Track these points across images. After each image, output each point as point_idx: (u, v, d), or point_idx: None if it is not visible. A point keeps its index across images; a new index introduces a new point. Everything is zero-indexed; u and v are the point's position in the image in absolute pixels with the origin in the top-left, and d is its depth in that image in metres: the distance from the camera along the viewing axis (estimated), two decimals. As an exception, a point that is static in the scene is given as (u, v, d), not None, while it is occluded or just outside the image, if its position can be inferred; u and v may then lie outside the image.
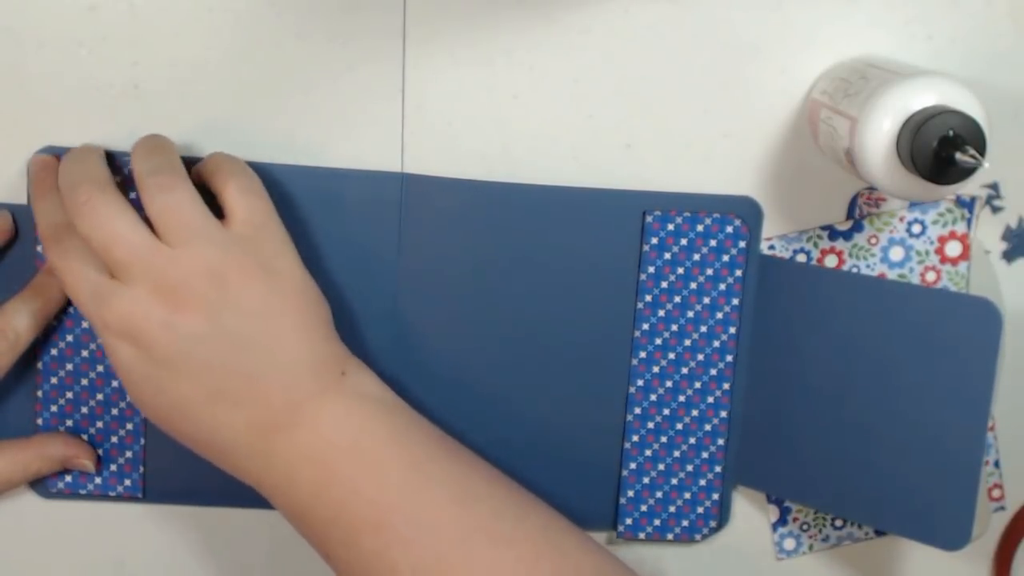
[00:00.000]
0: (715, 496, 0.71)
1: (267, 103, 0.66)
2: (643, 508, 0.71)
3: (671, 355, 0.69)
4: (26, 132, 0.66)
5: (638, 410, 0.70)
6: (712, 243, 0.68)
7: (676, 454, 0.70)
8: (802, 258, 0.70)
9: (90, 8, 0.65)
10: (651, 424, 0.70)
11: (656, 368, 0.69)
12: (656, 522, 0.71)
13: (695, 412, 0.70)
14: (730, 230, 0.68)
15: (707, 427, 0.70)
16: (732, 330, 0.69)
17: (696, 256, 0.68)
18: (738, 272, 0.69)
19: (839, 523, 0.73)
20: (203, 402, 0.60)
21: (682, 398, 0.70)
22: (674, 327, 0.69)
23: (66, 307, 0.67)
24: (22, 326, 0.65)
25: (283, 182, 0.66)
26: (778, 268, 0.69)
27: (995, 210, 0.70)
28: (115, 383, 0.68)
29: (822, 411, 0.68)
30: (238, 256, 0.61)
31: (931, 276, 0.70)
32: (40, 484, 0.69)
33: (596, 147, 0.68)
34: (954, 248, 0.70)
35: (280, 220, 0.63)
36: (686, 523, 0.71)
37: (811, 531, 0.73)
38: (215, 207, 0.62)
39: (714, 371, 0.69)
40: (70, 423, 0.68)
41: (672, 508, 0.71)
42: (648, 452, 0.70)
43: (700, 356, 0.69)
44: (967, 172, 0.58)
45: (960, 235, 0.70)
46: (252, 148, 0.66)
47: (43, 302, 0.66)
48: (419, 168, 0.67)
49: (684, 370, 0.69)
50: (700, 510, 0.71)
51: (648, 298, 0.69)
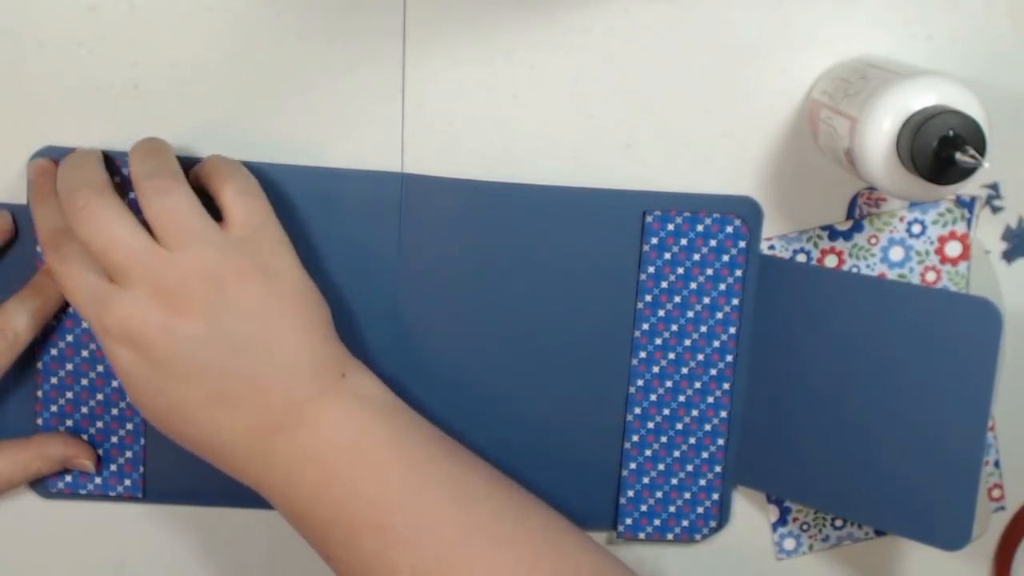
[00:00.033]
0: (715, 496, 0.71)
1: (267, 103, 0.66)
2: (643, 508, 0.70)
3: (671, 355, 0.69)
4: (26, 132, 0.66)
5: (638, 410, 0.70)
6: (712, 243, 0.68)
7: (676, 454, 0.70)
8: (802, 258, 0.70)
9: (90, 8, 0.65)
10: (651, 424, 0.70)
11: (656, 368, 0.69)
12: (656, 522, 0.71)
13: (695, 412, 0.70)
14: (730, 230, 0.68)
15: (707, 427, 0.70)
16: (732, 330, 0.69)
17: (696, 256, 0.68)
18: (738, 272, 0.69)
19: (839, 523, 0.72)
20: (203, 404, 0.60)
21: (682, 398, 0.70)
22: (674, 327, 0.69)
23: (65, 307, 0.67)
24: (21, 326, 0.65)
25: (283, 182, 0.66)
26: (778, 268, 0.69)
27: (995, 210, 0.70)
28: (115, 383, 0.68)
29: (822, 411, 0.68)
30: (236, 258, 0.61)
31: (931, 276, 0.70)
32: (40, 484, 0.69)
33: (596, 147, 0.68)
34: (954, 248, 0.70)
35: (278, 221, 0.63)
36: (686, 523, 0.71)
37: (811, 531, 0.73)
38: (213, 209, 0.62)
39: (714, 371, 0.69)
40: (70, 423, 0.68)
41: (672, 508, 0.71)
42: (648, 452, 0.70)
43: (700, 356, 0.69)
44: (967, 172, 0.58)
45: (960, 235, 0.70)
46: (252, 148, 0.66)
47: (42, 301, 0.66)
48: (419, 168, 0.67)
49: (684, 370, 0.69)
50: (700, 510, 0.71)
51: (648, 298, 0.69)
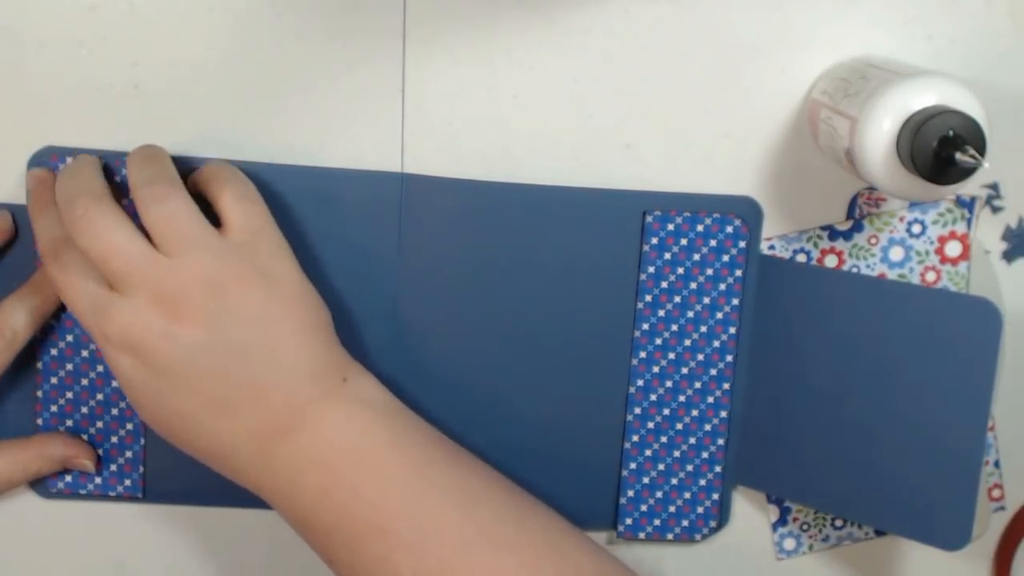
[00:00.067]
0: (715, 496, 0.71)
1: (267, 103, 0.66)
2: (643, 508, 0.70)
3: (671, 355, 0.69)
4: (26, 132, 0.66)
5: (638, 410, 0.70)
6: (712, 243, 0.68)
7: (676, 454, 0.70)
8: (802, 258, 0.70)
9: (90, 8, 0.65)
10: (651, 424, 0.70)
11: (656, 368, 0.69)
12: (656, 522, 0.71)
13: (695, 412, 0.70)
14: (730, 230, 0.68)
15: (707, 427, 0.70)
16: (732, 330, 0.69)
17: (696, 256, 0.68)
18: (738, 272, 0.69)
19: (839, 523, 0.72)
20: (204, 410, 0.60)
21: (682, 398, 0.70)
22: (674, 327, 0.69)
23: (64, 305, 0.67)
24: (19, 324, 0.65)
25: (283, 182, 0.66)
26: (778, 268, 0.69)
27: (995, 210, 0.70)
28: (115, 383, 0.68)
29: (822, 411, 0.68)
30: (236, 264, 0.61)
31: (931, 276, 0.70)
32: (40, 484, 0.69)
33: (596, 147, 0.68)
34: (954, 248, 0.70)
35: (276, 226, 0.63)
36: (686, 523, 0.71)
37: (811, 531, 0.73)
38: (211, 215, 0.62)
39: (714, 371, 0.69)
40: (70, 423, 0.68)
41: (672, 508, 0.71)
42: (648, 452, 0.70)
43: (700, 356, 0.69)
44: (967, 172, 0.58)
45: (960, 235, 0.70)
46: (252, 148, 0.66)
47: (41, 299, 0.66)
48: (419, 168, 0.67)
49: (684, 370, 0.69)
50: (700, 510, 0.71)
51: (648, 298, 0.69)
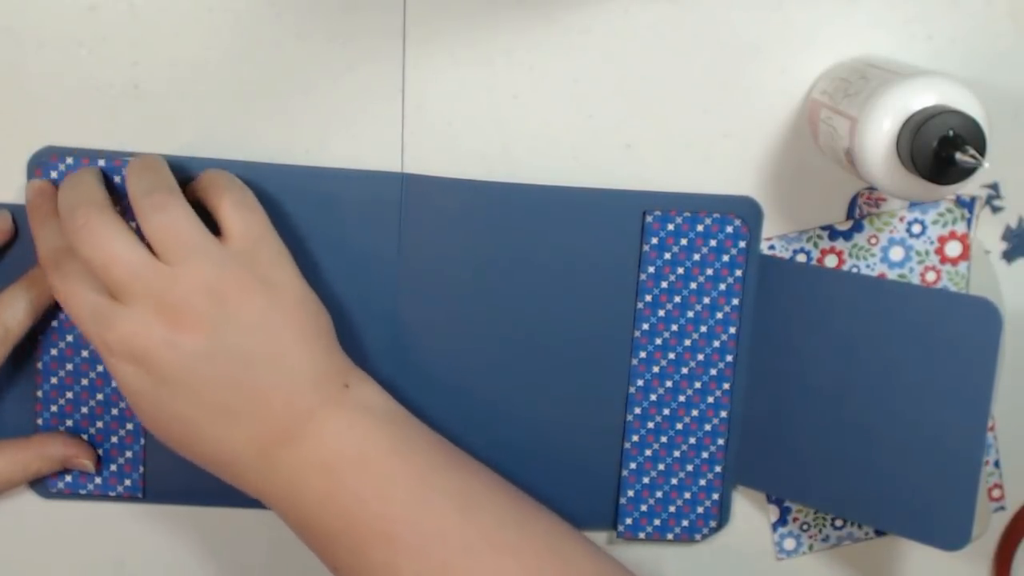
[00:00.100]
0: (715, 496, 0.71)
1: (267, 103, 0.66)
2: (643, 508, 0.70)
3: (671, 355, 0.69)
4: (26, 132, 0.66)
5: (638, 410, 0.70)
6: (712, 243, 0.68)
7: (676, 454, 0.70)
8: (802, 258, 0.70)
9: (90, 8, 0.65)
10: (651, 424, 0.70)
11: (656, 368, 0.69)
12: (656, 522, 0.71)
13: (695, 412, 0.70)
14: (730, 230, 0.68)
15: (707, 427, 0.70)
16: (732, 330, 0.69)
17: (696, 256, 0.68)
18: (738, 272, 0.69)
19: (839, 523, 0.72)
20: (206, 417, 0.60)
21: (682, 398, 0.70)
22: (674, 327, 0.69)
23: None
24: (13, 320, 0.65)
25: (283, 182, 0.66)
26: (778, 268, 0.69)
27: (995, 210, 0.70)
28: (115, 383, 0.68)
29: (822, 411, 0.68)
30: (236, 271, 0.61)
31: (931, 276, 0.70)
32: (40, 484, 0.69)
33: (596, 147, 0.68)
34: (954, 248, 0.70)
35: (276, 233, 0.63)
36: (686, 523, 0.71)
37: (811, 531, 0.73)
38: (211, 224, 0.62)
39: (714, 371, 0.69)
40: (70, 423, 0.68)
41: (672, 508, 0.71)
42: (648, 452, 0.70)
43: (700, 356, 0.69)
44: (967, 172, 0.58)
45: (960, 235, 0.70)
46: (252, 148, 0.66)
47: (37, 293, 0.65)
48: (419, 168, 0.67)
49: (684, 370, 0.69)
50: (700, 510, 0.71)
51: (648, 298, 0.69)
